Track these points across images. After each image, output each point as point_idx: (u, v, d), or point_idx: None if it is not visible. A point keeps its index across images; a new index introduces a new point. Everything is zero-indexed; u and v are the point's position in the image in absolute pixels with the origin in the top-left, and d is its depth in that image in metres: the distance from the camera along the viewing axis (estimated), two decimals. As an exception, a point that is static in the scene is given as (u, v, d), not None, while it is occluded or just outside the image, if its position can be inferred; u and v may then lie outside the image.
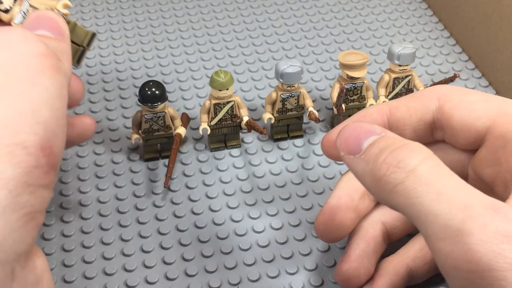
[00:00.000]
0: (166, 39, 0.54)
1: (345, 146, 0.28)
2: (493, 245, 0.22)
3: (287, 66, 0.40)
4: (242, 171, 0.42)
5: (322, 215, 0.33)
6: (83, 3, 0.58)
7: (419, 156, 0.25)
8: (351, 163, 0.28)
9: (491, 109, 0.30)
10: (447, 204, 0.24)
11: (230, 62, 0.51)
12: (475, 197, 0.24)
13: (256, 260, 0.37)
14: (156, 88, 0.39)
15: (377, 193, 0.27)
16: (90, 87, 0.48)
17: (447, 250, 0.23)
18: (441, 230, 0.24)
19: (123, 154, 0.43)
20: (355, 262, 0.33)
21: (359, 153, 0.27)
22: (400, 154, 0.26)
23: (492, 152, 0.29)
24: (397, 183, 0.25)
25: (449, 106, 0.31)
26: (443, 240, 0.24)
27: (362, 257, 0.33)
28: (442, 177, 0.25)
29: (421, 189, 0.24)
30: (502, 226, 0.23)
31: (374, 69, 0.50)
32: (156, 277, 0.36)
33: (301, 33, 0.54)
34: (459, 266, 0.23)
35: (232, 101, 0.41)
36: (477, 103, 0.30)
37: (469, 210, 0.23)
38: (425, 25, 0.55)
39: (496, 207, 0.23)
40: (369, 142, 0.27)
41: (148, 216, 0.39)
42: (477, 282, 0.23)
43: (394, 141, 0.27)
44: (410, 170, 0.25)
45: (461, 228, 0.23)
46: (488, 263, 0.22)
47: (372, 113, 0.32)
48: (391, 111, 0.32)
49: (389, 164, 0.26)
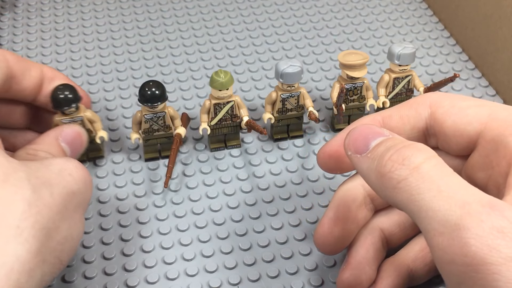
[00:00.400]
0: (166, 39, 0.54)
1: (352, 146, 0.29)
2: (488, 240, 0.23)
3: (287, 66, 0.40)
4: (242, 171, 0.42)
5: (321, 228, 0.33)
6: (83, 3, 0.58)
7: (423, 155, 0.26)
8: (357, 161, 0.28)
9: (482, 114, 0.30)
10: (447, 201, 0.24)
11: (230, 62, 0.51)
12: (474, 195, 0.25)
13: (256, 260, 0.37)
14: (156, 88, 0.39)
15: (381, 189, 0.27)
16: (90, 87, 0.48)
17: (445, 245, 0.24)
18: (439, 225, 0.24)
19: (123, 154, 0.43)
20: (356, 269, 0.33)
21: (366, 152, 0.28)
22: (405, 152, 0.26)
23: (484, 156, 0.30)
24: (401, 179, 0.26)
25: (441, 112, 0.31)
26: (441, 235, 0.24)
27: (363, 263, 0.33)
28: (444, 175, 0.25)
29: (423, 185, 0.25)
30: (498, 222, 0.23)
31: (374, 69, 0.50)
32: (156, 277, 0.36)
33: (301, 33, 0.54)
34: (455, 260, 0.24)
35: (232, 101, 0.41)
36: (468, 109, 0.31)
37: (467, 207, 0.24)
38: (425, 25, 0.55)
39: (493, 205, 0.24)
40: (376, 142, 0.28)
41: (148, 216, 0.39)
42: (472, 275, 0.24)
43: (401, 141, 0.27)
44: (414, 167, 0.26)
45: (458, 223, 0.24)
46: (483, 257, 0.23)
47: (365, 123, 0.32)
48: (385, 120, 0.32)
49: (394, 161, 0.26)
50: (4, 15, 0.56)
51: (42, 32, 0.54)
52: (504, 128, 0.29)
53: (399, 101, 0.44)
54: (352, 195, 0.33)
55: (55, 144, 0.34)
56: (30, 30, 0.54)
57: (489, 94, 0.48)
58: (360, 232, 0.34)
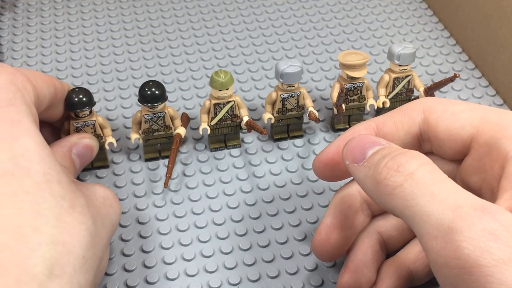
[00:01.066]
0: (166, 39, 0.54)
1: (350, 155, 0.29)
2: (480, 242, 0.23)
3: (287, 66, 0.40)
4: (242, 171, 0.42)
5: (318, 236, 0.34)
6: (83, 3, 0.58)
7: (418, 161, 0.27)
8: (354, 170, 0.29)
9: (475, 117, 0.30)
10: (440, 205, 0.25)
11: (230, 62, 0.51)
12: (467, 199, 0.25)
13: (256, 260, 0.37)
14: (156, 88, 0.39)
15: (377, 196, 0.28)
16: (90, 87, 0.48)
17: (438, 248, 0.24)
18: (433, 229, 0.25)
19: (123, 154, 0.43)
20: (355, 272, 0.33)
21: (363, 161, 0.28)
22: (400, 159, 0.27)
23: (478, 159, 0.30)
24: (396, 185, 0.26)
25: (434, 117, 0.31)
26: (435, 239, 0.25)
27: (361, 266, 0.33)
28: (438, 181, 0.26)
29: (417, 191, 0.26)
30: (489, 225, 0.24)
31: (374, 69, 0.50)
32: (156, 277, 0.36)
33: (301, 33, 0.54)
34: (449, 263, 0.24)
35: (232, 101, 0.41)
36: (461, 113, 0.31)
37: (459, 210, 0.24)
38: (425, 25, 0.55)
39: (485, 208, 0.24)
40: (373, 151, 0.28)
41: (148, 216, 0.39)
42: (465, 278, 0.24)
43: (397, 149, 0.28)
44: (409, 173, 0.26)
45: (451, 226, 0.24)
46: (476, 260, 0.23)
47: (360, 130, 0.33)
48: (379, 127, 0.33)
49: (389, 168, 0.27)
50: (4, 15, 0.56)
51: (42, 32, 0.54)
52: (496, 131, 0.29)
53: (399, 101, 0.44)
54: (348, 201, 0.34)
55: (69, 155, 0.35)
56: (30, 30, 0.54)
57: (489, 94, 0.48)
58: (358, 236, 0.34)
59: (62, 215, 0.27)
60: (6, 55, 0.52)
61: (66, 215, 0.27)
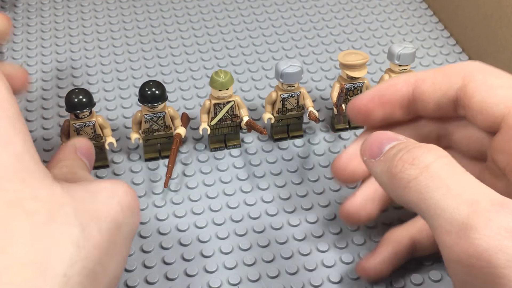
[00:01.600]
0: (166, 39, 0.54)
1: (368, 151, 0.29)
2: (496, 240, 0.23)
3: (287, 66, 0.40)
4: (242, 171, 0.42)
5: (337, 161, 0.35)
6: (83, 3, 0.58)
7: (434, 154, 0.26)
8: (371, 166, 0.29)
9: (511, 97, 0.30)
10: (455, 200, 0.24)
11: (230, 62, 0.51)
12: (484, 193, 0.24)
13: (256, 260, 0.37)
14: (156, 88, 0.39)
15: (392, 190, 0.27)
16: (90, 87, 0.48)
17: (452, 243, 0.24)
18: (447, 223, 0.24)
19: (123, 154, 0.43)
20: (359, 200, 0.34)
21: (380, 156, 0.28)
22: (416, 152, 0.26)
23: (505, 141, 0.29)
24: (411, 179, 0.26)
25: (471, 87, 0.31)
26: (448, 234, 0.24)
27: (366, 200, 0.34)
28: (454, 174, 0.25)
29: (432, 184, 0.25)
30: (507, 222, 0.23)
31: (374, 69, 0.50)
32: (156, 277, 0.36)
33: (301, 33, 0.54)
34: (462, 259, 0.24)
35: (232, 101, 0.41)
36: (499, 88, 0.30)
37: (475, 205, 0.24)
38: (425, 25, 0.55)
39: (503, 204, 0.24)
40: (390, 146, 0.28)
41: (148, 216, 0.39)
42: (478, 275, 0.23)
43: (413, 143, 0.27)
44: (424, 166, 0.26)
45: (466, 222, 0.24)
46: (489, 258, 0.23)
47: (398, 83, 0.33)
48: (417, 83, 0.32)
49: (404, 161, 0.26)
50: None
51: (42, 32, 0.54)
52: None
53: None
54: None
55: (78, 157, 0.32)
56: (30, 30, 0.54)
57: (489, 94, 0.48)
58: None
59: (37, 231, 0.23)
60: (6, 55, 0.52)
61: (42, 229, 0.23)
